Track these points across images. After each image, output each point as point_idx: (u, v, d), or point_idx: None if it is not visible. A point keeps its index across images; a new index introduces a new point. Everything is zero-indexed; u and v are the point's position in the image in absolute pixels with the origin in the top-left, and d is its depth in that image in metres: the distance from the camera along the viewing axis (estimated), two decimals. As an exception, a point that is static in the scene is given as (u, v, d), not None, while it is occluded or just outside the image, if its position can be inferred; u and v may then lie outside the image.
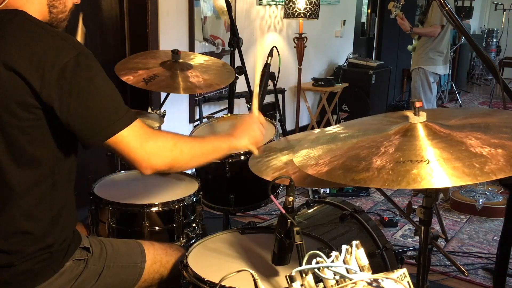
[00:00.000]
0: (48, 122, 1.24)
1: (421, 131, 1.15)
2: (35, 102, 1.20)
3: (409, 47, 4.91)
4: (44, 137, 1.25)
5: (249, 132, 1.53)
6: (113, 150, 1.28)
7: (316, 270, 0.90)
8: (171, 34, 3.56)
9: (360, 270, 0.93)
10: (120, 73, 2.23)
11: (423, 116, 1.19)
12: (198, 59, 2.45)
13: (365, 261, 0.94)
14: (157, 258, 1.56)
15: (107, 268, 1.45)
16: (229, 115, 2.38)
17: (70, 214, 1.39)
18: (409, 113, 1.21)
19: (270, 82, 2.29)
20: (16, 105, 1.20)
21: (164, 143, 1.33)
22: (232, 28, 2.62)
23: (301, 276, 0.91)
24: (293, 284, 0.89)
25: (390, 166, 1.04)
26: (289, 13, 4.48)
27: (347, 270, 0.92)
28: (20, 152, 1.24)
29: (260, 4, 4.51)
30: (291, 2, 4.44)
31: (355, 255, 0.94)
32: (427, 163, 1.03)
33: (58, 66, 1.19)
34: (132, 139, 1.27)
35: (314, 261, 0.90)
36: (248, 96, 2.64)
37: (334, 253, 0.92)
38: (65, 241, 1.36)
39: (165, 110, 2.48)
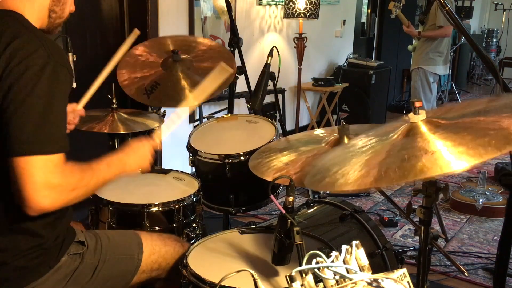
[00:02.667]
0: None
1: (423, 128, 1.16)
2: None
3: (409, 47, 4.91)
4: None
5: (140, 159, 1.48)
6: (12, 172, 1.17)
7: (316, 270, 0.90)
8: (171, 34, 3.56)
9: (360, 270, 0.93)
10: (123, 83, 2.13)
11: (422, 115, 1.18)
12: (197, 49, 2.36)
13: (365, 261, 0.94)
14: (155, 249, 1.56)
15: (103, 261, 1.45)
16: (229, 115, 2.38)
17: (64, 212, 1.39)
18: (409, 115, 1.21)
19: (270, 82, 2.29)
20: None
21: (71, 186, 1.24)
22: (232, 28, 2.62)
23: (301, 276, 0.91)
24: (293, 284, 0.89)
25: (396, 165, 1.04)
26: (289, 13, 4.48)
27: (347, 270, 0.92)
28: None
29: (260, 4, 4.51)
30: (291, 2, 4.44)
31: (355, 255, 0.94)
32: (432, 154, 1.03)
33: (23, 65, 1.18)
34: (39, 171, 1.16)
35: (314, 261, 0.90)
36: (248, 96, 2.64)
37: (334, 253, 0.92)
38: (58, 237, 1.37)
39: (165, 110, 2.48)
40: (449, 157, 1.00)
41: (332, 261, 0.91)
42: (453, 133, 1.08)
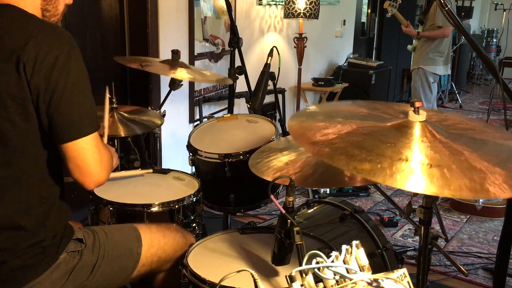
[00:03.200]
0: (36, 116, 1.26)
1: (416, 131, 1.15)
2: (25, 93, 1.22)
3: (409, 47, 4.90)
4: (32, 130, 1.27)
5: None
6: (66, 155, 1.29)
7: (316, 270, 0.90)
8: (171, 34, 3.56)
9: (360, 270, 0.93)
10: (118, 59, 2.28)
11: (422, 116, 1.18)
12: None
13: (365, 261, 0.94)
14: (154, 241, 1.56)
15: (101, 258, 1.45)
16: (229, 115, 2.38)
17: (61, 209, 1.40)
18: (410, 113, 1.20)
19: (270, 82, 2.29)
20: (10, 99, 1.22)
21: (108, 157, 1.39)
22: (232, 28, 2.62)
23: (301, 276, 0.91)
24: (293, 284, 0.89)
25: (392, 162, 1.03)
26: (289, 13, 4.47)
27: (347, 270, 0.92)
28: (8, 145, 1.26)
29: (260, 4, 4.51)
30: (291, 2, 4.43)
31: (355, 255, 0.94)
32: (430, 167, 1.02)
33: (51, 57, 1.22)
34: (92, 147, 1.30)
35: (314, 261, 0.90)
36: (248, 96, 2.64)
37: (334, 253, 0.92)
38: (56, 235, 1.37)
39: (165, 110, 2.48)
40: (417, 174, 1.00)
41: (332, 261, 0.91)
42: (434, 151, 1.07)
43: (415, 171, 1.02)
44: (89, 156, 1.29)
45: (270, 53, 2.23)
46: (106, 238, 1.50)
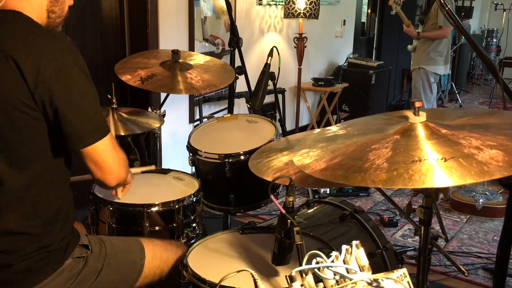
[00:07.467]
0: (43, 123, 1.26)
1: (421, 131, 1.15)
2: (29, 101, 1.22)
3: (409, 47, 4.91)
4: (38, 137, 1.27)
5: None
6: (86, 158, 1.32)
7: (316, 270, 0.90)
8: (171, 34, 3.56)
9: (360, 270, 0.93)
10: (119, 71, 2.23)
11: (423, 116, 1.18)
12: (198, 59, 2.45)
13: (365, 261, 0.94)
14: (156, 254, 1.57)
15: (106, 266, 1.46)
16: (229, 115, 2.38)
17: (69, 214, 1.40)
18: (409, 115, 1.20)
19: (270, 82, 2.29)
20: (11, 106, 1.22)
21: (124, 155, 1.44)
22: (232, 28, 2.62)
23: (301, 276, 0.91)
24: (293, 284, 0.89)
25: (407, 166, 1.03)
26: (289, 13, 4.48)
27: (347, 270, 0.92)
28: (13, 152, 1.26)
29: (260, 4, 4.51)
30: (291, 2, 4.44)
31: (355, 255, 0.94)
32: (445, 161, 1.02)
33: (54, 66, 1.22)
34: (109, 148, 1.34)
35: (314, 261, 0.90)
36: (248, 96, 2.64)
37: (334, 253, 0.92)
38: (63, 240, 1.37)
39: (165, 110, 2.48)
40: (460, 167, 0.99)
41: (332, 261, 0.91)
42: (454, 144, 1.07)
43: (433, 168, 1.01)
44: (108, 156, 1.33)
45: (270, 53, 2.23)
46: (112, 247, 1.51)
